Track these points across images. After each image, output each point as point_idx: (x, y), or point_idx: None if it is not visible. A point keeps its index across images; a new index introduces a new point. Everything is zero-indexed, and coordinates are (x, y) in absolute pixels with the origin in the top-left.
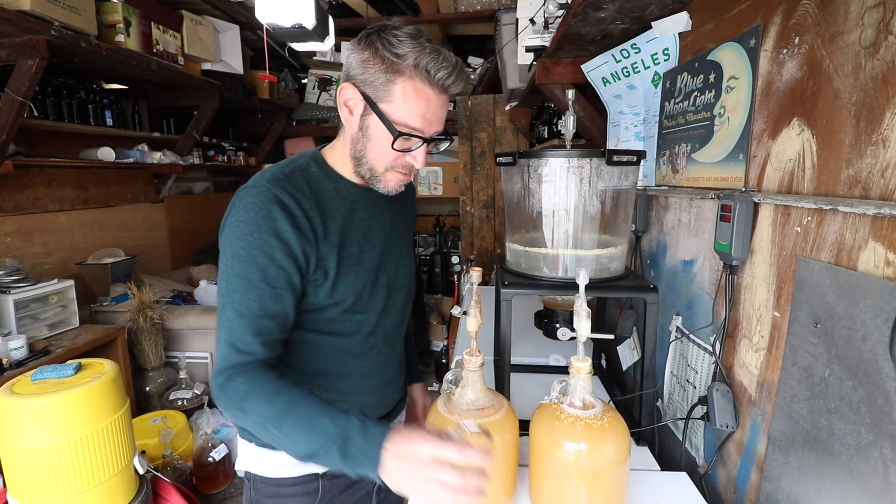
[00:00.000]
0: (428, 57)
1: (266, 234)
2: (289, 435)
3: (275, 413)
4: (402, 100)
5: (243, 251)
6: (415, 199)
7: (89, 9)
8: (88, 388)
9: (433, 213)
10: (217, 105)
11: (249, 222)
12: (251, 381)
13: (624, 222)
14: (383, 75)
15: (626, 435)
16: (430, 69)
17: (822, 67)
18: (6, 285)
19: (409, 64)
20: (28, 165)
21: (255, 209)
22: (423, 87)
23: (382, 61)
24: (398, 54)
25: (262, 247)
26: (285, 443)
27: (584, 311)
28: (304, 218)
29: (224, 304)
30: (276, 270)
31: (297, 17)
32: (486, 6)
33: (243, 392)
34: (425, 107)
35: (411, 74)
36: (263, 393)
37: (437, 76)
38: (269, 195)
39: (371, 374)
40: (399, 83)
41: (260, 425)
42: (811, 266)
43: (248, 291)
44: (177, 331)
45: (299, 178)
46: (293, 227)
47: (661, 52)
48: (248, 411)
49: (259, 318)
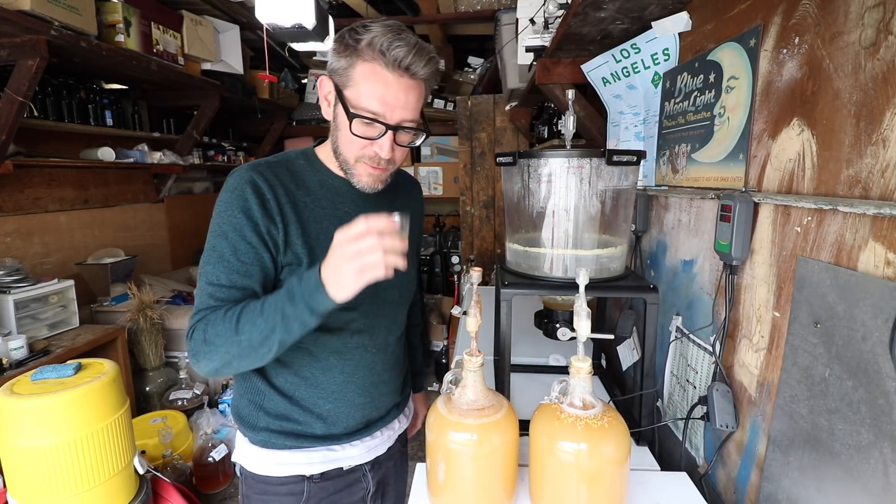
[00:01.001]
0: (383, 38)
1: (237, 211)
2: (249, 332)
3: (230, 326)
4: (360, 83)
5: (218, 227)
6: (421, 199)
7: (89, 9)
8: (88, 388)
9: (433, 213)
10: (217, 105)
11: (225, 201)
12: (206, 321)
13: (624, 222)
14: (345, 60)
15: (626, 435)
16: (384, 49)
17: (822, 67)
18: (6, 285)
19: (363, 45)
20: (28, 165)
21: (231, 189)
22: (380, 69)
23: (346, 48)
24: (358, 38)
25: (234, 224)
26: (253, 341)
27: (584, 311)
28: (273, 201)
29: (200, 274)
30: (245, 246)
31: (297, 17)
32: (486, 6)
33: (202, 330)
34: (383, 90)
35: (367, 56)
36: (215, 320)
37: (393, 55)
38: (246, 177)
39: (356, 372)
40: (358, 66)
41: (226, 347)
42: (811, 266)
43: (219, 265)
44: (177, 331)
45: (281, 168)
46: (261, 209)
47: (661, 52)
48: (211, 343)
49: (226, 288)
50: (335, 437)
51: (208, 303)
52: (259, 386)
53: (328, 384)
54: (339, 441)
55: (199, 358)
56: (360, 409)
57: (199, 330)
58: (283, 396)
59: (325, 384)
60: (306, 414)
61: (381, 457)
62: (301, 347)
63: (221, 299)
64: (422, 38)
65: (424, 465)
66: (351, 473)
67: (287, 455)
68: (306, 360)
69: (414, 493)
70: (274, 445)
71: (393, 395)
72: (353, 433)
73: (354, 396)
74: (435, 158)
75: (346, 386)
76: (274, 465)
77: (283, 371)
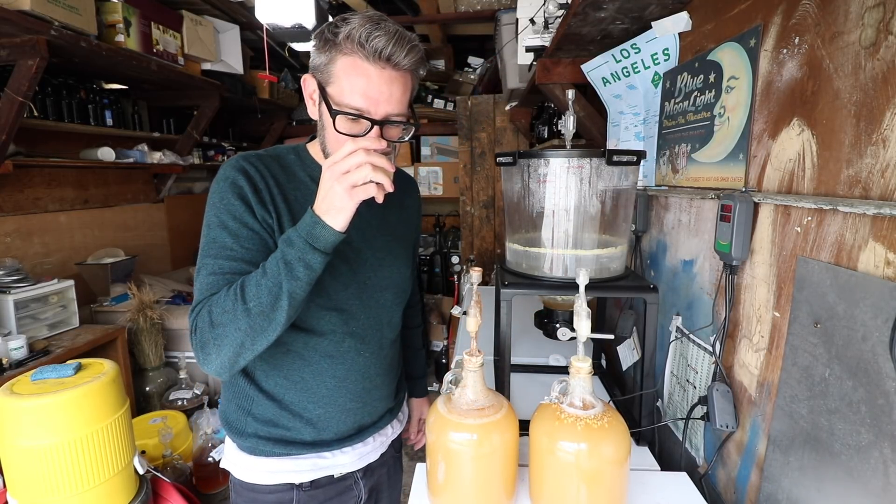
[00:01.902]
0: (361, 28)
1: (234, 198)
2: (257, 295)
3: (236, 297)
4: (341, 78)
5: (216, 218)
6: (417, 198)
7: (89, 9)
8: (88, 388)
9: (433, 213)
10: (217, 105)
11: (219, 191)
12: (209, 305)
13: (624, 222)
14: (325, 56)
15: (626, 435)
16: (363, 41)
17: (822, 67)
18: (6, 285)
19: (341, 38)
20: (28, 165)
21: (224, 179)
22: (360, 62)
23: (325, 43)
24: (336, 32)
25: (232, 211)
26: (263, 304)
27: (584, 311)
28: (266, 191)
29: (199, 269)
30: (247, 232)
31: (297, 17)
32: (486, 6)
33: (207, 314)
34: (365, 83)
35: (347, 49)
36: (219, 300)
37: (372, 45)
38: (237, 165)
39: (348, 376)
40: (338, 61)
41: (236, 323)
42: (811, 266)
43: (221, 255)
44: (177, 331)
45: (272, 161)
46: (254, 194)
47: (661, 52)
48: (220, 324)
49: (230, 275)
50: (325, 444)
51: (210, 292)
52: (247, 390)
53: (318, 388)
54: (330, 447)
55: (209, 348)
56: (352, 414)
57: (204, 316)
58: (272, 400)
59: (316, 388)
60: (295, 419)
61: (374, 463)
62: (291, 350)
63: (225, 286)
64: (422, 39)
65: (424, 465)
66: (342, 481)
67: (275, 462)
68: (296, 362)
69: (414, 492)
70: (262, 452)
71: (386, 400)
72: (344, 439)
73: (346, 401)
74: (435, 158)
75: (338, 391)
76: (262, 472)
77: (273, 374)
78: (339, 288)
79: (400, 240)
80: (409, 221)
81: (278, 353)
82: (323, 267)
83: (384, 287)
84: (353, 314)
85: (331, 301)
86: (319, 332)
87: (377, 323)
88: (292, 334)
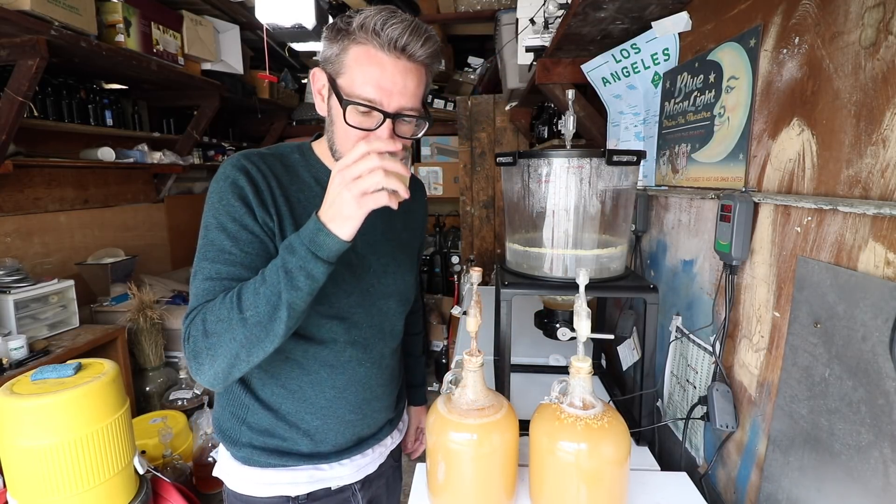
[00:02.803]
0: (377, 17)
1: (233, 199)
2: (254, 304)
3: (232, 306)
4: (353, 68)
5: (214, 219)
6: (424, 203)
7: (89, 9)
8: (88, 388)
9: (433, 213)
10: (217, 105)
11: (218, 191)
12: (203, 313)
13: (624, 222)
14: (337, 46)
15: (626, 435)
16: (378, 29)
17: (822, 67)
18: (6, 285)
19: (355, 27)
20: (28, 165)
21: (224, 178)
22: (374, 51)
23: (337, 32)
24: (350, 21)
25: (232, 213)
26: (261, 314)
27: (584, 311)
28: (267, 192)
29: (195, 273)
30: (247, 235)
31: (297, 17)
32: (486, 6)
33: (200, 322)
34: (379, 73)
35: (360, 38)
36: (213, 308)
37: (387, 35)
38: (238, 165)
39: (348, 387)
40: (350, 50)
41: (231, 333)
42: (811, 266)
43: (219, 258)
44: (177, 331)
45: (275, 160)
46: (255, 196)
47: (661, 52)
48: (214, 333)
49: (228, 281)
50: (322, 456)
51: (206, 298)
52: (243, 398)
53: (317, 399)
54: (327, 459)
55: (202, 358)
56: (351, 426)
57: (197, 324)
58: (268, 410)
59: (314, 399)
60: (292, 430)
61: (372, 475)
62: (290, 358)
63: (221, 293)
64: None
65: (424, 465)
66: (339, 493)
67: (271, 474)
68: (295, 371)
69: (414, 492)
70: (257, 463)
71: (387, 412)
72: (343, 451)
73: (345, 413)
74: (435, 158)
75: (337, 402)
76: (257, 484)
77: (270, 382)
78: (341, 295)
79: (405, 246)
80: (415, 227)
81: (276, 361)
82: (326, 277)
83: (388, 295)
84: (356, 323)
85: (333, 309)
86: (320, 340)
87: (380, 332)
88: (291, 342)
